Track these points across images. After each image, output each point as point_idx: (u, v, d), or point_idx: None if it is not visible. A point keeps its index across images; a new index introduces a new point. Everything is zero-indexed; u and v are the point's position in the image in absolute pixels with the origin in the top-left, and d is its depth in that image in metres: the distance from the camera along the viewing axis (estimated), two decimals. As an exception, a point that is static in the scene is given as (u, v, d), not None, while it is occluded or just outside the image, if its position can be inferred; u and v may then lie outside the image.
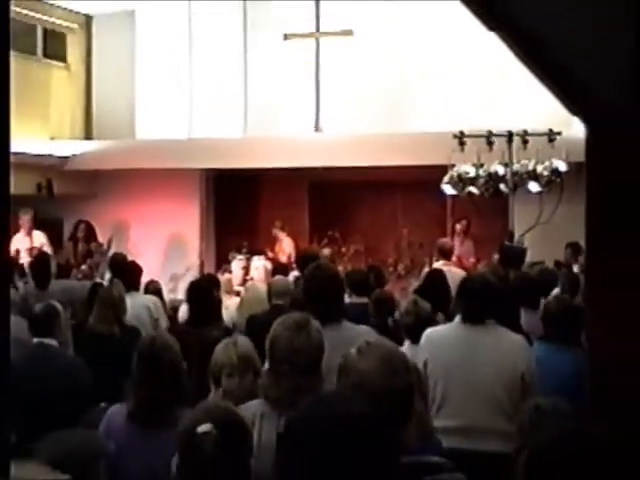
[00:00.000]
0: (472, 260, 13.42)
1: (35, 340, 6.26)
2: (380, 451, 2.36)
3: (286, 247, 15.80)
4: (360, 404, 2.48)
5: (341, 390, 3.12)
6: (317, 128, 16.05)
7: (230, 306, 9.71)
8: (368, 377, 3.04)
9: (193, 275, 13.48)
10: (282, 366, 3.99)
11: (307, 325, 4.09)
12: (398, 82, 15.48)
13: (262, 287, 9.40)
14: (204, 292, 7.97)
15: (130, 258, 10.87)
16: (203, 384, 4.83)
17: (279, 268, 12.93)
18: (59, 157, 16.41)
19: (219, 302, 8.86)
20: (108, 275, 12.17)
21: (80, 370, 6.30)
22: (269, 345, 4.07)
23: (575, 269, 10.63)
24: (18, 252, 13.74)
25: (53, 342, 6.25)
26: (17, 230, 14.13)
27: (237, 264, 14.03)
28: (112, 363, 6.64)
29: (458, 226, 14.20)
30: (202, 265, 15.42)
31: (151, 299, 9.21)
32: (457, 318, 5.59)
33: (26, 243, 13.98)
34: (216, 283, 9.70)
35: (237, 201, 17.11)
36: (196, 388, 4.84)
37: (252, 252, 15.23)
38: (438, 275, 8.85)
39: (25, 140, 15.71)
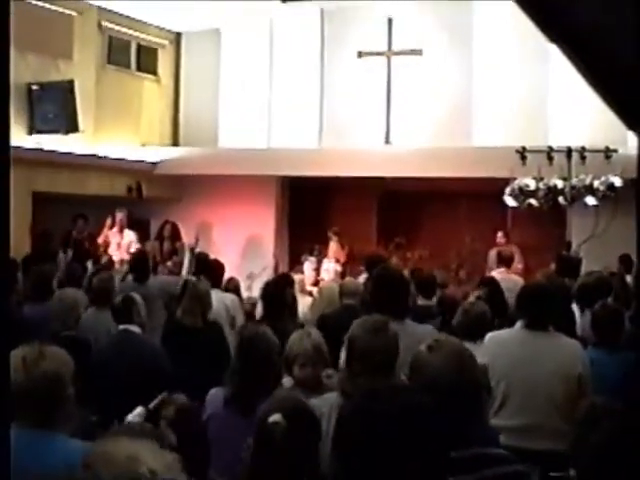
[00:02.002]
0: (520, 266, 13.31)
1: (120, 327, 6.40)
2: (438, 442, 2.37)
3: (334, 252, 15.83)
4: (419, 395, 2.50)
5: (411, 385, 3.14)
6: (387, 141, 16.05)
7: (303, 305, 9.77)
8: (440, 373, 3.07)
9: (268, 275, 13.55)
10: (359, 364, 4.01)
11: (385, 328, 4.12)
12: (463, 99, 15.44)
13: (334, 287, 9.43)
14: (277, 290, 8.04)
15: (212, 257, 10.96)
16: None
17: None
18: (148, 162, 16.64)
19: (294, 300, 8.91)
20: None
21: (159, 353, 6.45)
22: (348, 343, 4.09)
23: (628, 279, 10.52)
24: (108, 245, 14.01)
25: (135, 328, 6.40)
26: (111, 226, 14.40)
27: (309, 266, 14.12)
28: (195, 353, 6.78)
29: (498, 236, 14.05)
30: (277, 265, 15.49)
31: (229, 297, 9.27)
32: (519, 323, 5.59)
33: (117, 239, 14.24)
34: (291, 281, 9.74)
35: (310, 207, 17.19)
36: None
37: (323, 255, 15.32)
38: (492, 283, 8.77)
39: (118, 146, 16.01)
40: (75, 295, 7.00)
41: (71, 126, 14.36)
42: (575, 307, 8.02)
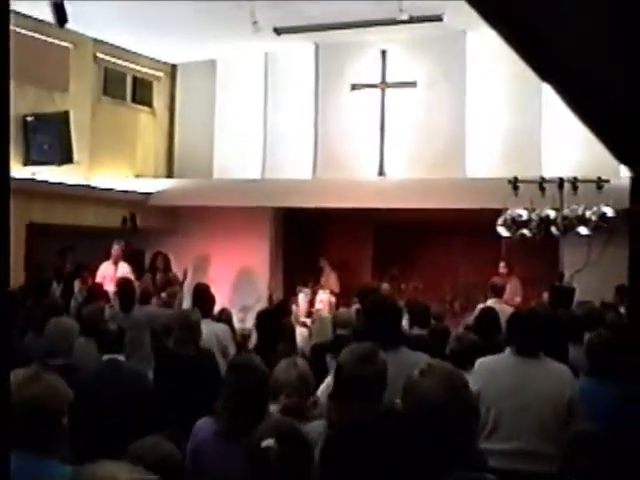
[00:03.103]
0: (518, 299, 13.36)
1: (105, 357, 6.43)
2: (420, 467, 2.39)
3: (329, 282, 15.92)
4: (402, 421, 2.53)
5: (403, 409, 3.18)
6: (381, 172, 16.12)
7: (297, 335, 9.81)
8: (430, 395, 3.11)
9: (262, 306, 13.59)
10: (346, 391, 4.03)
11: (374, 355, 4.14)
12: (457, 130, 15.54)
13: (329, 318, 9.49)
14: (272, 320, 8.07)
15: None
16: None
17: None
18: (143, 193, 16.70)
19: (293, 329, 8.96)
20: (185, 303, 12.39)
21: (147, 382, 6.49)
22: (336, 371, 4.12)
23: (622, 310, 10.55)
24: (104, 279, 14.06)
25: (121, 358, 6.44)
26: (107, 258, 14.46)
27: (303, 297, 14.20)
28: (188, 381, 6.81)
29: (500, 267, 14.11)
30: (271, 297, 15.51)
31: (221, 327, 9.27)
32: (508, 349, 5.64)
33: (111, 271, 14.27)
34: (289, 310, 9.81)
35: (304, 238, 17.22)
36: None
37: (317, 286, 15.37)
38: (490, 312, 8.85)
39: (113, 177, 16.09)
40: (71, 323, 7.05)
41: (66, 157, 14.44)
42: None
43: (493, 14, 1.60)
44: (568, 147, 14.24)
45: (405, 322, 8.49)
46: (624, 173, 12.18)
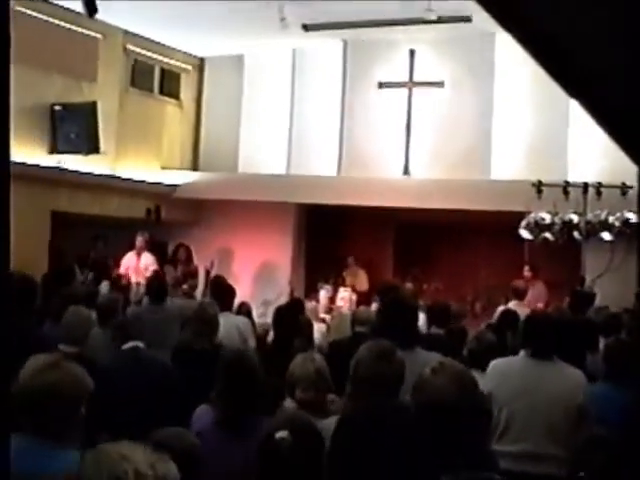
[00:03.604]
0: (540, 305, 13.31)
1: (129, 344, 6.43)
2: (426, 460, 2.41)
3: (358, 279, 15.95)
4: (410, 414, 2.55)
5: (411, 404, 3.20)
6: (406, 171, 16.10)
7: (316, 332, 9.83)
8: (440, 393, 3.12)
9: (283, 301, 13.61)
10: (362, 388, 4.05)
11: (391, 353, 4.16)
12: (483, 131, 15.50)
13: (348, 315, 9.50)
14: (290, 316, 8.09)
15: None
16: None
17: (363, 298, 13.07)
18: (168, 185, 16.77)
19: (310, 325, 8.97)
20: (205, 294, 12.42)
21: (167, 369, 6.50)
22: (353, 367, 4.14)
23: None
24: (127, 269, 14.16)
25: (141, 344, 6.45)
26: (130, 249, 14.56)
27: (324, 293, 14.20)
28: (201, 374, 6.83)
29: (525, 270, 14.06)
30: (292, 292, 15.51)
31: (241, 319, 9.32)
32: (522, 352, 5.64)
33: (134, 262, 14.35)
34: (300, 306, 9.80)
35: (327, 235, 17.23)
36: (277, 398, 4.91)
37: (339, 283, 15.37)
38: (511, 315, 8.85)
39: (139, 168, 16.16)
40: (89, 313, 7.09)
41: (92, 147, 14.50)
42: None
43: (512, 25, 1.60)
44: (593, 152, 14.16)
45: (423, 321, 8.51)
46: (649, 179, 12.13)
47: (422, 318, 8.36)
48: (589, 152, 14.39)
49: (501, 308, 10.96)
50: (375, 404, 3.52)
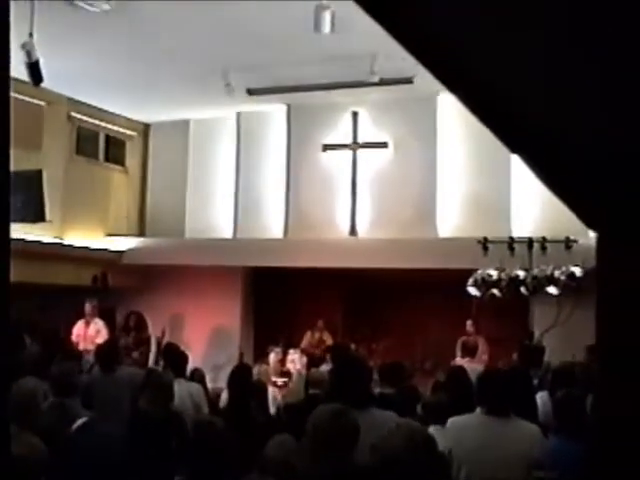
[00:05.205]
0: (485, 357, 13.42)
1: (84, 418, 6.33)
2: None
3: (329, 341, 15.94)
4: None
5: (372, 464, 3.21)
6: (353, 232, 16.20)
7: (270, 395, 9.81)
8: (395, 452, 3.14)
9: (233, 365, 13.53)
10: (321, 448, 4.07)
11: (345, 414, 4.19)
12: (428, 190, 15.66)
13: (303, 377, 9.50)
14: (244, 378, 8.05)
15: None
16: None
17: (318, 360, 13.05)
18: (115, 252, 16.69)
19: (264, 389, 8.95)
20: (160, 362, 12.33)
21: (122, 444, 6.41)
22: (311, 428, 4.16)
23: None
24: (78, 337, 14.02)
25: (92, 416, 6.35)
26: (79, 317, 14.43)
27: (274, 356, 14.15)
28: (159, 443, 6.75)
29: (468, 325, 14.19)
30: (241, 356, 15.45)
31: (195, 386, 9.26)
32: (478, 409, 5.67)
33: (83, 330, 14.22)
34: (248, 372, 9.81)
35: (276, 297, 17.22)
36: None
37: (288, 345, 15.33)
38: (460, 371, 8.89)
39: (85, 236, 16.07)
40: (35, 383, 6.96)
41: (38, 215, 14.42)
42: (540, 395, 8.14)
43: (452, 81, 1.64)
44: (537, 207, 14.39)
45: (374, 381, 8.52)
46: (592, 233, 12.32)
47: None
48: (532, 207, 14.60)
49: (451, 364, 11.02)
50: (334, 467, 3.54)
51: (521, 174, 14.50)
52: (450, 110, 15.41)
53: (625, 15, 1.28)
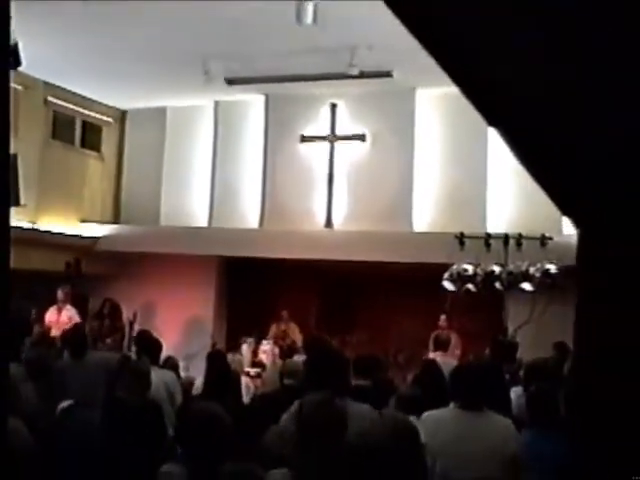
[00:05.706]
0: (457, 352, 13.50)
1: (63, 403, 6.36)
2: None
3: (294, 333, 15.89)
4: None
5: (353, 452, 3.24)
6: (328, 224, 16.23)
7: (243, 385, 9.84)
8: (379, 441, 3.16)
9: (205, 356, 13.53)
10: (309, 438, 4.11)
11: (334, 402, 4.23)
12: (405, 184, 15.70)
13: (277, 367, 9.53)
14: (221, 360, 8.07)
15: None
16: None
17: (288, 351, 13.06)
18: (89, 238, 16.64)
19: (238, 380, 8.96)
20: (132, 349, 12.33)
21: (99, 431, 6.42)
22: (301, 418, 4.20)
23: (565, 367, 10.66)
24: (50, 323, 13.97)
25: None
26: (52, 303, 14.38)
27: (247, 347, 14.18)
28: (135, 431, 6.75)
29: (441, 319, 14.25)
30: (214, 346, 15.41)
31: (169, 374, 9.23)
32: (452, 404, 5.71)
33: (55, 316, 14.18)
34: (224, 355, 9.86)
35: (250, 288, 17.21)
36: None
37: (261, 336, 15.34)
38: (432, 365, 8.93)
39: (60, 221, 16.01)
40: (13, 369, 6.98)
41: (13, 199, 14.34)
42: (515, 389, 8.23)
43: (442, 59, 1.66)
44: (513, 204, 14.49)
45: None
46: (567, 230, 12.46)
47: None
48: (508, 204, 14.70)
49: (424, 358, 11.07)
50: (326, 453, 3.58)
51: (498, 171, 14.59)
52: (428, 105, 15.50)
53: (625, 15, 1.32)
